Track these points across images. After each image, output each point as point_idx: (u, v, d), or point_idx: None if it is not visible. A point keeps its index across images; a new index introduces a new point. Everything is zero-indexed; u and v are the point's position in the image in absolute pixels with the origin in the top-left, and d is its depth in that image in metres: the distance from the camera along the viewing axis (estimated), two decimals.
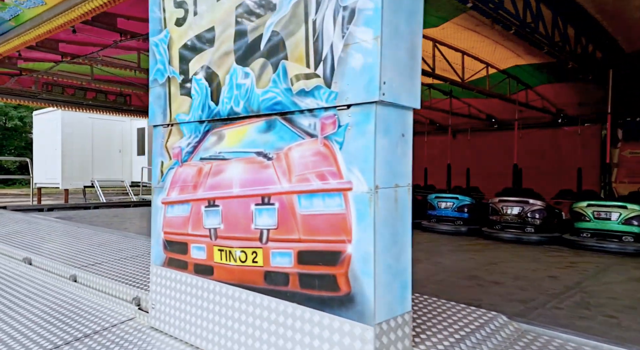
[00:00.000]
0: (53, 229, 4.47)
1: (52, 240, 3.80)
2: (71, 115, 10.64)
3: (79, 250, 3.29)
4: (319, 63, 1.35)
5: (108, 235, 3.93)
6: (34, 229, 4.52)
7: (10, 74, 7.45)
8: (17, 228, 4.60)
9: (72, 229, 4.36)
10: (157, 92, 2.04)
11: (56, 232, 4.21)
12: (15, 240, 3.81)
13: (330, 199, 1.32)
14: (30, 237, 3.99)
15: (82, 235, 4.01)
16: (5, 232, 4.31)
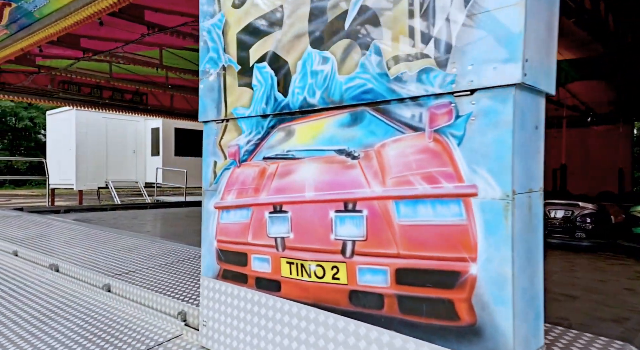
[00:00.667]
0: (76, 232, 4.32)
1: (77, 244, 3.63)
2: (85, 115, 10.59)
3: (107, 256, 3.11)
4: (429, 41, 1.13)
5: (135, 240, 3.76)
6: (56, 232, 4.38)
7: (27, 72, 7.38)
8: (38, 231, 4.46)
9: (96, 233, 4.20)
10: (209, 84, 1.84)
11: (80, 236, 4.06)
12: (38, 245, 3.66)
13: (443, 206, 1.10)
14: (54, 241, 3.84)
15: (107, 239, 3.84)
16: (27, 236, 4.17)
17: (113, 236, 4.01)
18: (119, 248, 3.39)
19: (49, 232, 4.35)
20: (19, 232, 4.45)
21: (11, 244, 3.75)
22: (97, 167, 10.83)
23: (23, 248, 3.57)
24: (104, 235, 4.07)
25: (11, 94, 7.19)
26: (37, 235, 4.20)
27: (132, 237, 3.91)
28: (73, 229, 4.50)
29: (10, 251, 3.70)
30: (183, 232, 5.33)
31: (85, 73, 6.15)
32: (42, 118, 28.92)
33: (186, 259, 2.97)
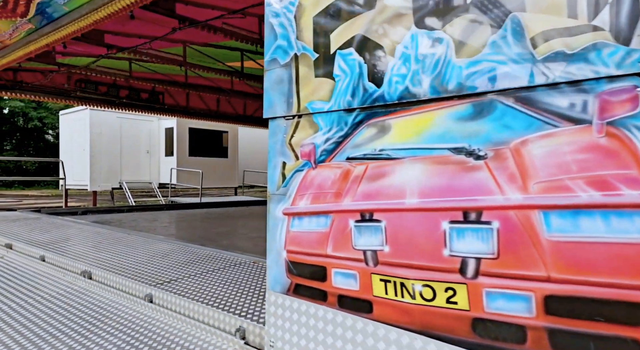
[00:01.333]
0: (102, 235, 4.15)
1: (106, 249, 3.45)
2: (99, 115, 10.49)
3: (141, 262, 2.93)
4: (600, 9, 0.90)
5: (165, 245, 3.57)
6: (81, 235, 4.21)
7: (45, 70, 7.26)
8: (62, 235, 4.30)
9: (123, 236, 4.02)
10: (277, 75, 1.63)
11: (107, 240, 3.88)
12: (66, 250, 3.49)
13: (623, 219, 0.88)
14: (81, 245, 3.67)
15: (136, 243, 3.66)
16: (52, 240, 4.00)
17: (140, 240, 3.83)
18: (151, 254, 3.21)
19: (73, 236, 4.19)
20: (43, 235, 4.29)
21: (37, 248, 3.58)
22: (111, 168, 10.72)
23: (50, 253, 3.40)
24: (131, 239, 3.89)
25: (28, 93, 7.09)
26: (62, 238, 4.04)
27: (162, 241, 3.73)
28: (98, 233, 4.33)
29: (36, 256, 3.53)
30: (210, 235, 5.14)
31: (106, 71, 6.01)
32: (52, 118, 29.11)
33: (227, 266, 2.77)
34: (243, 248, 4.00)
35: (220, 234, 5.26)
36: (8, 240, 4.15)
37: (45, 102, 28.39)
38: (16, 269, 3.49)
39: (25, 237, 4.22)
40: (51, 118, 28.22)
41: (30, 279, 3.05)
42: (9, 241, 4.13)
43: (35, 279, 3.04)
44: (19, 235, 4.36)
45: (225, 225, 6.02)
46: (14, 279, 3.11)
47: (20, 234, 4.41)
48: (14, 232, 4.58)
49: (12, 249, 4.07)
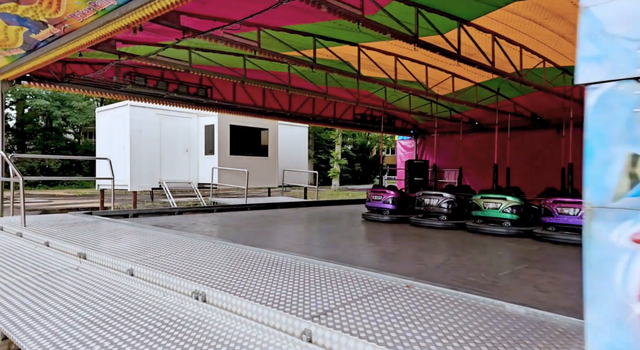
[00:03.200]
0: (186, 245, 3.69)
1: (211, 263, 2.97)
2: (140, 111, 10.19)
3: (263, 282, 2.43)
4: None
5: (273, 254, 3.08)
6: (162, 244, 3.76)
7: (93, 62, 6.92)
8: (139, 242, 3.86)
9: (209, 245, 3.55)
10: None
11: (196, 250, 3.41)
12: (156, 263, 3.03)
13: None
14: (171, 257, 3.20)
15: (240, 255, 3.18)
16: (132, 250, 3.56)
17: (242, 251, 3.35)
18: (266, 270, 2.70)
19: (153, 244, 3.74)
20: (118, 243, 3.86)
21: (121, 260, 3.14)
22: (151, 167, 10.41)
23: (140, 266, 2.95)
24: (228, 248, 3.42)
25: (76, 87, 6.76)
26: (142, 248, 3.59)
27: (270, 251, 3.23)
28: (179, 241, 3.87)
29: (124, 270, 3.09)
30: (315, 244, 4.65)
31: (167, 61, 5.60)
32: (75, 116, 29.40)
33: (378, 291, 2.24)
34: (366, 263, 3.48)
35: (327, 243, 4.73)
36: (80, 248, 3.74)
37: (78, 98, 28.37)
38: (101, 285, 3.06)
39: (98, 245, 3.80)
40: (74, 116, 28.47)
41: (125, 300, 2.58)
42: (82, 250, 3.72)
43: (133, 300, 2.58)
44: (89, 242, 3.94)
45: (309, 231, 5.51)
46: (102, 297, 2.66)
47: (90, 241, 4.00)
48: (81, 238, 4.17)
49: (87, 259, 3.66)
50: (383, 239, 4.95)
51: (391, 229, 5.73)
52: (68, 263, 3.74)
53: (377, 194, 6.72)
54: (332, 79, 7.99)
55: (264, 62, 6.90)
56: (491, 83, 8.42)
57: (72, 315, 2.47)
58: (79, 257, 3.72)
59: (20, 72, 5.47)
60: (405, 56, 6.73)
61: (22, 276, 3.47)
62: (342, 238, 5.03)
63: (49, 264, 3.82)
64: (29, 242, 4.63)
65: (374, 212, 6.74)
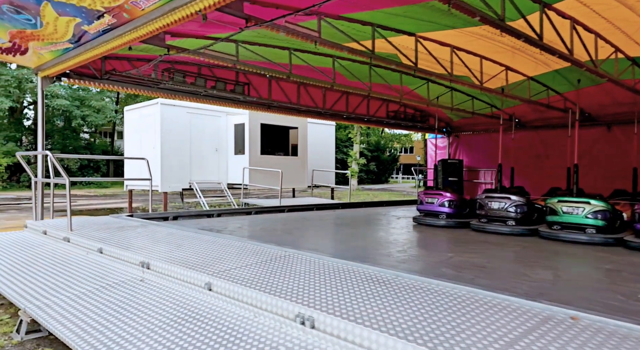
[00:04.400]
0: (260, 253, 3.38)
1: (306, 275, 2.66)
2: (170, 110, 9.98)
3: (358, 297, 2.10)
4: None
5: (373, 269, 2.74)
6: (228, 252, 3.46)
7: (132, 57, 6.69)
8: (203, 250, 3.57)
9: (281, 254, 3.24)
10: None
11: (274, 261, 3.10)
12: (237, 276, 2.73)
13: None
14: (249, 269, 2.90)
15: (332, 269, 2.86)
16: (200, 259, 3.26)
17: (335, 264, 3.03)
18: (365, 288, 2.38)
19: (219, 252, 3.44)
20: (178, 251, 3.58)
21: (198, 273, 2.84)
22: (181, 167, 10.20)
23: (220, 280, 2.64)
24: (310, 260, 3.09)
25: (115, 84, 6.54)
26: (210, 257, 3.30)
27: (372, 267, 2.90)
28: (247, 249, 3.57)
29: (200, 284, 2.79)
30: (377, 250, 4.32)
31: (216, 55, 5.31)
32: (94, 116, 29.55)
33: (543, 321, 1.88)
34: (464, 279, 3.13)
35: (401, 252, 4.41)
36: (142, 256, 3.47)
37: (96, 97, 28.47)
38: (175, 300, 2.76)
39: (160, 253, 3.51)
40: (93, 116, 28.61)
41: (205, 319, 2.26)
42: (144, 259, 3.44)
43: (216, 320, 2.25)
44: (148, 249, 3.66)
45: (370, 238, 5.17)
46: (183, 316, 2.35)
47: (148, 248, 3.73)
48: (138, 245, 3.90)
49: (151, 269, 3.38)
50: (454, 247, 4.57)
51: (454, 235, 5.35)
52: (130, 273, 3.48)
53: (432, 196, 6.34)
54: (375, 74, 7.63)
55: (308, 56, 6.59)
56: (545, 77, 7.96)
57: (159, 339, 2.17)
58: (141, 267, 3.45)
59: (64, 68, 5.25)
60: (461, 48, 6.33)
61: (84, 288, 3.21)
62: (411, 247, 4.68)
63: (109, 273, 3.56)
64: (79, 248, 4.40)
65: (428, 215, 6.36)
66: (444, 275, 3.22)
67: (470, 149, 13.65)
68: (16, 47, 5.03)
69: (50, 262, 4.07)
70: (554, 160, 11.20)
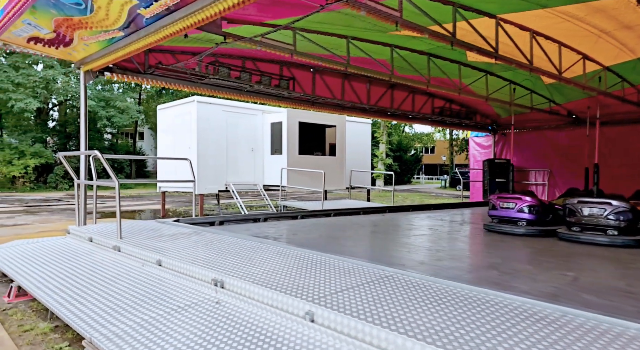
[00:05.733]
0: (358, 273, 2.87)
1: (409, 306, 2.13)
2: (207, 108, 9.63)
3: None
4: None
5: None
6: (315, 270, 2.96)
7: (175, 49, 6.31)
8: (283, 266, 3.08)
9: (380, 272, 2.70)
10: None
11: (376, 282, 2.57)
12: (338, 301, 2.21)
13: None
14: (355, 295, 2.38)
15: (443, 293, 2.31)
16: (288, 280, 2.77)
17: (431, 284, 2.49)
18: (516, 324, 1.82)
19: (305, 271, 2.93)
20: (256, 266, 3.09)
21: (296, 299, 2.34)
22: (217, 168, 9.82)
23: (328, 311, 2.13)
24: (413, 281, 2.55)
25: (159, 79, 6.17)
26: (298, 277, 2.79)
27: (501, 293, 2.34)
28: (343, 269, 3.05)
29: (299, 313, 2.29)
30: (477, 264, 3.76)
31: (273, 45, 4.85)
32: (119, 117, 29.78)
33: None
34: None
35: (494, 266, 3.85)
36: (214, 273, 3.01)
37: (121, 98, 28.68)
38: (268, 333, 2.27)
39: (231, 268, 3.04)
40: (118, 117, 28.82)
41: None
42: (218, 276, 2.98)
43: None
44: (217, 263, 3.20)
45: (449, 248, 4.60)
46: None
47: (216, 262, 3.26)
48: (202, 257, 3.45)
49: (226, 288, 2.91)
50: (559, 263, 3.95)
51: (544, 247, 4.72)
52: (202, 293, 3.01)
53: (508, 200, 5.71)
54: (434, 65, 7.04)
55: (366, 45, 6.06)
56: (624, 66, 7.20)
57: None
58: (214, 285, 2.99)
59: (110, 61, 4.88)
60: (541, 32, 5.69)
61: (152, 311, 2.75)
62: (505, 262, 4.09)
63: (176, 292, 3.11)
64: (132, 259, 3.99)
65: (503, 222, 5.73)
66: (593, 306, 2.63)
67: (518, 147, 12.85)
68: (60, 37, 4.68)
69: (103, 276, 3.66)
70: (619, 159, 10.33)
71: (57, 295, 3.25)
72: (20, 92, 23.10)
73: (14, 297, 3.56)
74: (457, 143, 42.64)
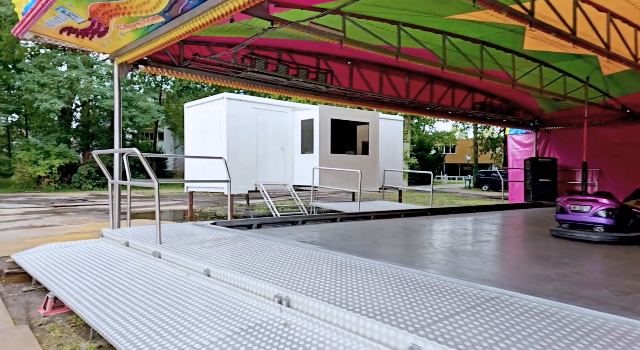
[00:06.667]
0: (457, 294, 2.41)
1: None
2: (236, 105, 9.31)
3: None
4: None
5: None
6: (400, 288, 2.52)
7: (212, 41, 5.98)
8: (351, 280, 2.65)
9: (479, 292, 2.24)
10: None
11: (487, 311, 2.12)
12: (467, 337, 1.77)
13: None
14: (464, 324, 1.92)
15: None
16: (369, 300, 2.34)
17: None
18: None
19: (387, 289, 2.50)
20: (322, 278, 2.67)
21: (403, 332, 1.90)
22: (247, 168, 9.50)
23: (437, 345, 1.69)
24: (539, 309, 2.08)
25: (194, 73, 5.86)
26: (383, 296, 2.36)
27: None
28: (434, 287, 2.61)
29: (400, 347, 1.85)
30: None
31: (321, 31, 4.41)
32: (141, 117, 30.02)
33: None
34: None
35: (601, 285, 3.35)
36: (277, 288, 2.61)
37: (143, 98, 28.89)
38: None
39: (295, 282, 2.62)
40: (140, 117, 29.05)
41: None
42: (281, 291, 2.58)
43: None
44: (275, 276, 2.80)
45: (531, 260, 4.10)
46: None
47: (275, 275, 2.86)
48: (255, 268, 3.06)
49: (292, 306, 2.51)
50: None
51: (633, 255, 4.15)
52: (263, 311, 2.62)
53: (581, 203, 5.14)
54: (486, 55, 6.51)
55: (417, 32, 5.58)
56: None
57: None
58: (277, 303, 2.59)
59: (147, 52, 4.56)
60: (617, 14, 5.10)
61: (212, 333, 2.36)
62: (608, 275, 3.57)
63: (233, 309, 2.72)
64: (175, 267, 3.65)
65: (575, 227, 5.17)
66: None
67: (563, 145, 12.08)
68: (95, 26, 4.39)
69: (145, 286, 3.32)
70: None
71: (98, 310, 2.92)
72: (45, 92, 23.47)
73: (51, 309, 3.26)
74: (482, 142, 41.45)
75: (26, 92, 23.75)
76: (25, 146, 25.58)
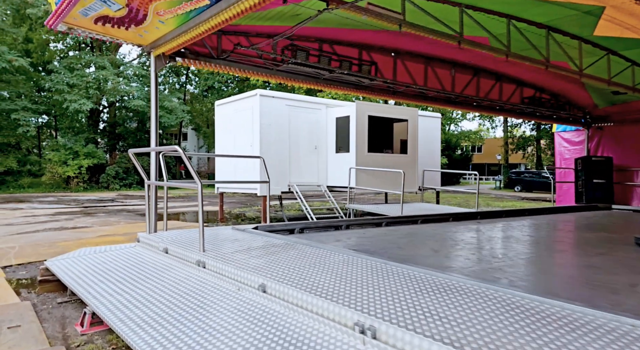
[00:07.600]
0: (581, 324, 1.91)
1: None
2: (269, 102, 8.96)
3: None
4: None
5: None
6: (492, 312, 2.03)
7: (259, 32, 5.61)
8: (435, 303, 2.18)
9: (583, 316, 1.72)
10: None
11: None
12: None
13: None
14: None
15: None
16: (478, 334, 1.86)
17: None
18: None
19: (483, 316, 2.02)
20: (410, 301, 2.20)
21: None
22: (280, 168, 9.14)
23: None
24: None
25: (232, 65, 5.51)
26: (494, 331, 1.87)
27: None
28: (542, 313, 2.11)
29: None
30: None
31: (379, 13, 3.95)
32: (167, 117, 30.25)
33: None
34: None
35: None
36: (357, 314, 2.16)
37: (169, 98, 29.14)
38: None
39: (380, 307, 2.17)
40: (166, 117, 29.26)
41: None
42: (362, 318, 2.13)
43: None
44: (350, 296, 2.34)
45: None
46: None
47: (352, 296, 2.41)
48: (319, 284, 2.62)
49: (380, 339, 2.06)
50: None
51: None
52: (339, 341, 2.18)
53: None
54: (552, 41, 5.88)
55: (480, 16, 5.04)
56: None
57: None
58: (358, 332, 2.14)
59: (187, 41, 4.21)
60: None
61: None
62: None
63: (299, 336, 2.30)
64: (222, 280, 3.27)
65: None
66: None
67: (619, 143, 11.18)
68: (133, 14, 4.07)
69: (192, 302, 2.94)
70: None
71: (143, 331, 2.55)
72: (74, 93, 23.89)
73: (88, 326, 2.92)
74: (512, 141, 39.91)
75: (56, 93, 24.25)
76: (54, 147, 26.16)
